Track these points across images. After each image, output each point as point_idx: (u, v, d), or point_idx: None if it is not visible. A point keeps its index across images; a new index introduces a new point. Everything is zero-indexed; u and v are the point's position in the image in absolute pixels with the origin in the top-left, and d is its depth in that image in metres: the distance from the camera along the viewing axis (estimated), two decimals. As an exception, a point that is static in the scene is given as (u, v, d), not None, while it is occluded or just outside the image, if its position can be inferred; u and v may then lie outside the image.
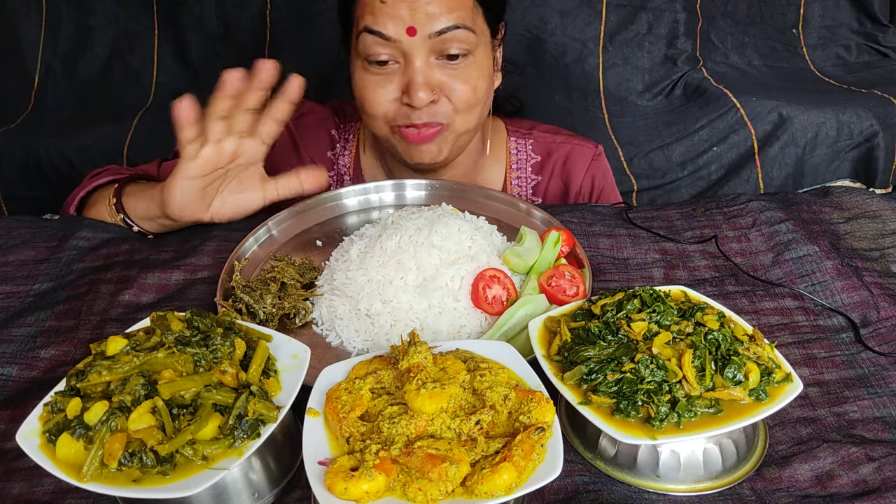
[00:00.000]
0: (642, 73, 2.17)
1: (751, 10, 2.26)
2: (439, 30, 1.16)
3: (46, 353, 0.96)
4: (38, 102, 2.22)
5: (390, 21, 1.15)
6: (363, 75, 1.24)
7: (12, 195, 2.08)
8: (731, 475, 0.78)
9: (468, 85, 1.23)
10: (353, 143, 1.51)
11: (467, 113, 1.27)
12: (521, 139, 1.53)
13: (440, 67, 1.21)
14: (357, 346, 0.97)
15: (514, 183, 1.52)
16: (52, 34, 2.22)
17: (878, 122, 1.94)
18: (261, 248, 1.15)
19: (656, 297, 0.84)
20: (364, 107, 1.26)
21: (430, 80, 1.20)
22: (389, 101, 1.23)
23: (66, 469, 0.65)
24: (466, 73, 1.22)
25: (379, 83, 1.22)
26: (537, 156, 1.52)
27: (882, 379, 0.92)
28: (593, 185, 1.52)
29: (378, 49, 1.19)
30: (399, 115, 1.24)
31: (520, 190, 1.52)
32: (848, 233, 1.22)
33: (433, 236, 1.03)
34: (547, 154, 1.52)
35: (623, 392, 0.74)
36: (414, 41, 1.16)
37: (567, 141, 1.53)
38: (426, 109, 1.21)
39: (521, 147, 1.53)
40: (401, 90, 1.21)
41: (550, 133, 1.55)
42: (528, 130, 1.55)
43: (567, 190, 1.52)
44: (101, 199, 1.27)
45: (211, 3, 2.19)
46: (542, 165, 1.52)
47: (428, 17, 1.15)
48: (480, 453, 0.67)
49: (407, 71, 1.19)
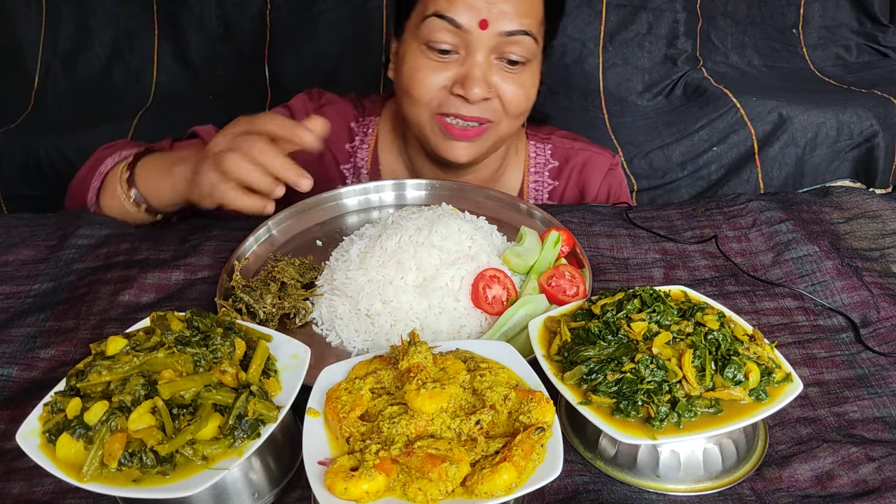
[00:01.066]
0: (642, 73, 2.18)
1: (751, 10, 2.26)
2: (509, 30, 1.17)
3: (46, 354, 0.96)
4: (38, 102, 2.23)
5: (465, 9, 1.16)
6: (417, 58, 1.23)
7: (12, 195, 2.08)
8: (731, 475, 0.78)
9: (523, 91, 1.24)
10: (371, 137, 1.50)
11: (514, 119, 1.27)
12: (539, 143, 1.54)
13: (498, 69, 1.21)
14: (357, 346, 0.97)
15: (531, 187, 1.52)
16: (52, 34, 2.22)
17: (878, 122, 1.94)
18: (261, 248, 1.15)
19: (656, 297, 0.84)
20: (411, 89, 1.25)
21: (488, 77, 1.20)
22: (439, 87, 1.22)
23: (66, 469, 0.65)
24: (522, 79, 1.23)
25: (434, 68, 1.21)
26: (555, 161, 1.53)
27: (882, 379, 0.92)
28: (609, 194, 1.53)
29: (444, 36, 1.18)
30: (446, 104, 1.23)
31: (536, 194, 1.52)
32: (848, 233, 1.22)
33: (433, 236, 1.03)
34: (565, 160, 1.52)
35: (623, 392, 0.74)
36: (483, 35, 1.17)
37: (585, 148, 1.54)
38: (477, 105, 1.21)
39: (540, 151, 1.53)
40: (454, 80, 1.21)
41: (569, 139, 1.56)
42: (547, 136, 1.55)
43: (583, 197, 1.52)
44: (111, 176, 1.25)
45: (211, 3, 2.19)
46: (559, 171, 1.52)
47: (502, 15, 1.16)
48: (480, 453, 0.67)
49: (466, 63, 1.19)
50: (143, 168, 1.20)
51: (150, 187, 1.19)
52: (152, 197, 1.20)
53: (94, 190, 1.26)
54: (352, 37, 2.20)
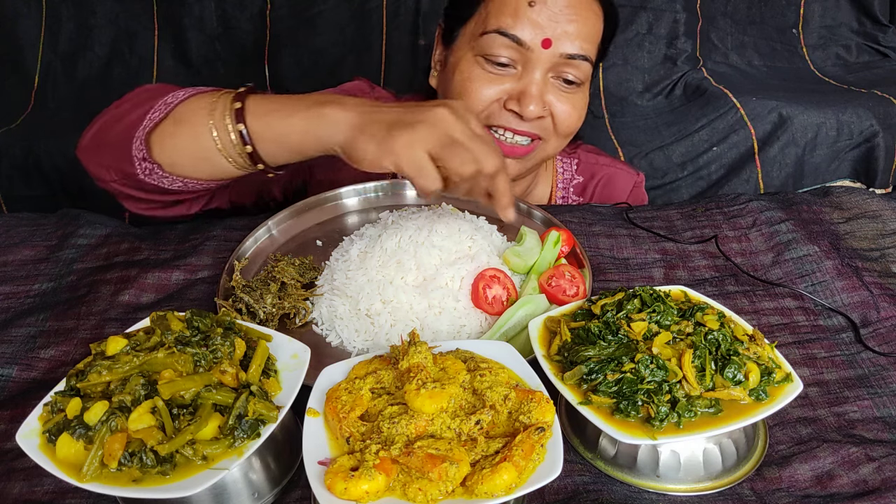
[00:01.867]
0: (642, 73, 2.18)
1: (751, 10, 2.26)
2: (570, 53, 1.16)
3: (46, 354, 0.96)
4: (38, 102, 2.23)
5: (530, 27, 1.14)
6: (472, 68, 1.20)
7: (12, 195, 2.08)
8: (731, 475, 0.78)
9: (576, 111, 1.23)
10: None
11: (563, 138, 1.26)
12: (566, 158, 1.53)
13: (553, 87, 1.20)
14: (357, 346, 0.97)
15: (558, 201, 1.52)
16: (52, 34, 2.22)
17: (878, 122, 1.94)
18: (261, 248, 1.15)
19: (656, 297, 0.84)
20: (463, 99, 1.21)
21: (543, 95, 1.18)
22: (492, 100, 1.20)
23: (66, 469, 0.65)
24: (575, 100, 1.22)
25: (490, 80, 1.19)
26: (580, 176, 1.52)
27: (882, 379, 0.92)
28: None
29: (504, 51, 1.16)
30: (497, 116, 1.21)
31: None
32: (848, 233, 1.22)
33: (433, 236, 1.03)
34: (590, 176, 1.52)
35: (623, 392, 0.74)
36: (544, 54, 1.15)
37: (611, 165, 1.53)
38: (529, 121, 1.20)
39: (567, 167, 1.53)
40: (509, 95, 1.19)
41: (594, 154, 1.55)
42: (573, 150, 1.54)
43: None
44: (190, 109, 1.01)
45: (211, 3, 2.19)
46: (584, 186, 1.52)
47: (565, 36, 1.15)
48: (480, 453, 0.67)
49: (524, 79, 1.17)
50: (258, 103, 0.98)
51: (268, 126, 0.97)
52: (267, 139, 0.98)
53: (150, 122, 1.01)
54: (352, 37, 2.20)
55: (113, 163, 1.04)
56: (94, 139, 1.07)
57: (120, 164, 1.03)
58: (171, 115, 1.01)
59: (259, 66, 2.23)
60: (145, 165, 1.02)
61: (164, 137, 1.01)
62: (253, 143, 0.97)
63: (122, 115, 1.05)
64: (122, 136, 1.02)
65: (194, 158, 1.01)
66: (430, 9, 2.16)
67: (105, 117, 1.07)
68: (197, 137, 0.99)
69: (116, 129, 1.03)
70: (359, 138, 0.91)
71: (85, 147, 1.08)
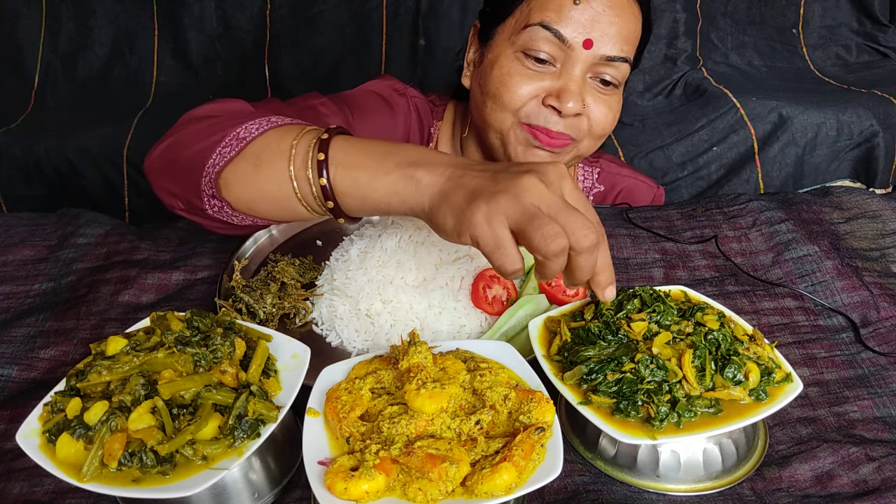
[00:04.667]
0: (642, 73, 2.18)
1: (751, 10, 2.26)
2: (609, 55, 1.15)
3: (46, 354, 0.96)
4: (38, 102, 2.23)
5: (572, 25, 1.13)
6: (511, 63, 1.18)
7: (12, 195, 2.09)
8: (731, 475, 0.78)
9: (611, 113, 1.21)
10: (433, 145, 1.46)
11: (596, 140, 1.24)
12: (588, 167, 1.53)
13: (591, 87, 1.19)
14: (357, 346, 0.97)
15: None
16: (52, 34, 2.23)
17: (878, 122, 1.94)
18: (261, 248, 1.15)
19: (656, 297, 0.84)
20: (501, 94, 1.19)
21: (583, 94, 1.17)
22: (530, 96, 1.18)
23: (66, 469, 0.65)
24: (611, 101, 1.21)
25: (528, 76, 1.17)
26: (601, 185, 1.52)
27: (882, 379, 0.92)
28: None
29: (545, 45, 1.15)
30: (535, 115, 1.19)
31: None
32: (848, 233, 1.22)
33: (433, 236, 1.03)
34: (611, 186, 1.52)
35: (623, 392, 0.74)
36: (584, 53, 1.14)
37: (632, 176, 1.53)
38: (567, 120, 1.18)
39: (588, 175, 1.52)
40: (547, 92, 1.17)
41: (615, 164, 1.55)
42: (595, 159, 1.54)
43: None
44: (274, 151, 0.90)
45: (211, 3, 2.20)
46: (604, 196, 1.52)
47: (606, 38, 1.14)
48: (480, 453, 0.67)
49: (563, 76, 1.16)
50: (343, 154, 0.87)
51: (353, 183, 0.86)
52: (350, 195, 0.87)
53: (221, 158, 0.91)
54: (352, 37, 2.20)
55: (181, 192, 0.97)
56: (161, 158, 0.99)
57: (188, 195, 0.96)
58: (245, 153, 0.91)
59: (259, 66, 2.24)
60: (214, 203, 0.95)
61: (237, 177, 0.92)
62: (335, 197, 0.88)
63: (192, 137, 0.96)
64: (191, 166, 0.93)
65: (269, 202, 0.93)
66: (430, 9, 2.16)
67: (177, 134, 0.99)
68: (274, 183, 0.90)
69: (185, 155, 0.95)
70: (441, 207, 0.81)
71: (152, 167, 1.00)
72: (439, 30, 2.17)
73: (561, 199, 0.77)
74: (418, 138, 1.42)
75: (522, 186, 0.76)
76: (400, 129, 1.38)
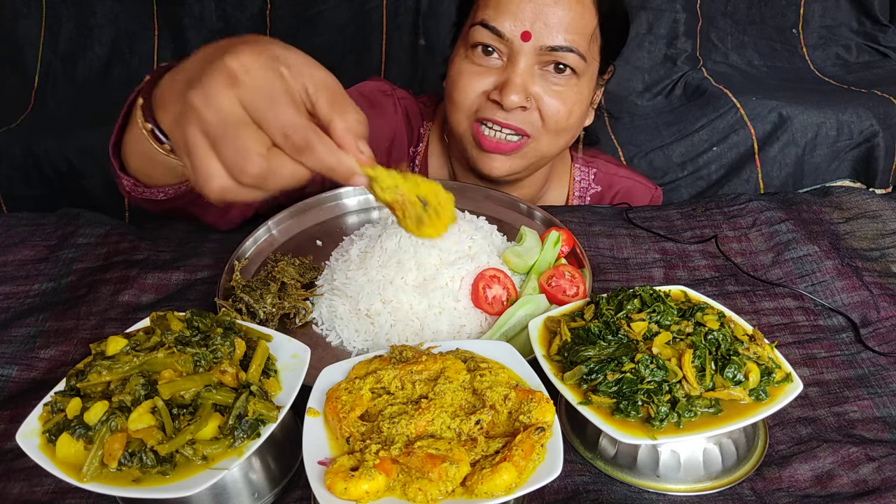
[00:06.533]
0: (642, 73, 2.18)
1: (751, 10, 2.26)
2: (552, 46, 1.15)
3: (46, 354, 0.96)
4: (38, 102, 2.23)
5: (509, 19, 1.15)
6: (462, 63, 1.22)
7: (12, 195, 2.08)
8: (731, 475, 0.78)
9: (564, 105, 1.21)
10: (423, 143, 1.49)
11: (555, 136, 1.24)
12: (584, 167, 1.53)
13: (542, 78, 1.19)
14: (357, 346, 0.97)
15: None
16: (52, 34, 2.22)
17: (878, 122, 1.94)
18: (261, 248, 1.15)
19: (656, 297, 0.84)
20: (453, 94, 1.24)
21: (528, 86, 1.18)
22: (479, 93, 1.21)
23: (66, 469, 0.65)
24: (566, 94, 1.21)
25: (476, 73, 1.21)
26: (598, 186, 1.52)
27: (882, 379, 0.92)
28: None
29: (487, 41, 1.18)
30: (483, 109, 1.21)
31: None
32: (848, 233, 1.22)
33: (433, 236, 1.03)
34: (608, 186, 1.52)
35: (623, 392, 0.74)
36: (525, 46, 1.16)
37: (629, 177, 1.54)
38: (514, 113, 1.19)
39: (585, 176, 1.53)
40: (494, 86, 1.20)
41: (613, 165, 1.56)
42: (592, 159, 1.55)
43: None
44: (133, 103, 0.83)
45: (211, 3, 2.20)
46: (601, 196, 1.52)
47: (546, 29, 1.15)
48: (480, 453, 0.67)
49: (507, 70, 1.18)
50: (160, 90, 0.74)
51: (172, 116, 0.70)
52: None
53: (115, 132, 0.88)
54: (352, 37, 2.20)
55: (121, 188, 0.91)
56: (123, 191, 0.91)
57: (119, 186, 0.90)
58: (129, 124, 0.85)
59: (259, 66, 2.23)
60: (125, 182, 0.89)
61: (128, 148, 0.87)
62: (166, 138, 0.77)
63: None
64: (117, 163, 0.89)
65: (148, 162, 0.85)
66: (429, 9, 2.16)
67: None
68: (140, 140, 0.82)
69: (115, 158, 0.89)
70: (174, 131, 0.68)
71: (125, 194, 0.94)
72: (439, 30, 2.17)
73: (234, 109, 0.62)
74: (406, 139, 1.44)
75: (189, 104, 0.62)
76: (386, 131, 1.40)
